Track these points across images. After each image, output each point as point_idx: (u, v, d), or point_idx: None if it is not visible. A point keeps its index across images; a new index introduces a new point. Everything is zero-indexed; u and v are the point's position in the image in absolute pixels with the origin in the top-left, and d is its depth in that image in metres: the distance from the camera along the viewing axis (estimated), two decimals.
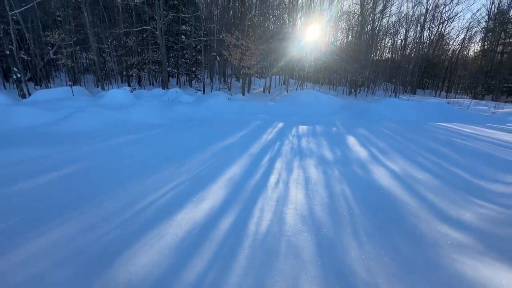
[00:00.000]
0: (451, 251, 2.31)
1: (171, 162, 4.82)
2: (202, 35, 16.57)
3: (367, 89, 23.04)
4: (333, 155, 5.66)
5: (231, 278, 2.01)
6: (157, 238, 2.52)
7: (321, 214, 3.05)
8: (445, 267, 2.10)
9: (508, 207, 3.18)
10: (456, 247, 2.38)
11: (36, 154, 4.93)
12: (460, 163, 5.09)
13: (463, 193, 3.69)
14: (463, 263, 2.14)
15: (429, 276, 2.01)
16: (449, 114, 12.35)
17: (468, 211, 3.11)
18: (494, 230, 2.66)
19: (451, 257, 2.24)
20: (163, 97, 13.56)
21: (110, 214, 2.95)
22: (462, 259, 2.19)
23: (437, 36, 32.58)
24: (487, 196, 3.52)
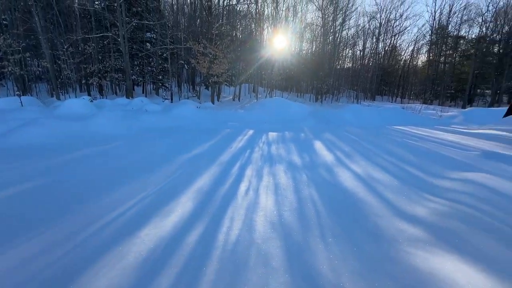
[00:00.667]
0: (407, 245, 2.50)
1: (136, 175, 4.57)
2: (168, 43, 16.23)
3: (332, 96, 24.36)
4: (301, 160, 5.83)
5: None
6: (118, 258, 2.35)
7: (290, 219, 3.11)
8: (401, 261, 2.26)
9: (453, 201, 3.54)
10: (411, 241, 2.58)
11: None
12: (414, 163, 5.58)
13: (417, 190, 4.04)
14: (417, 256, 2.32)
15: (388, 271, 2.15)
16: (403, 118, 13.53)
17: (422, 207, 3.41)
18: (442, 223, 2.93)
19: (406, 251, 2.41)
20: (127, 107, 12.91)
21: (69, 234, 2.69)
22: (416, 252, 2.38)
23: (390, 48, 35.87)
24: (436, 192, 3.89)
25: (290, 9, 26.26)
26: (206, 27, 17.44)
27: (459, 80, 33.69)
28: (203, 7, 17.92)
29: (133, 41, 17.77)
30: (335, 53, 25.43)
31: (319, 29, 26.37)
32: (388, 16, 33.10)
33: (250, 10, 23.83)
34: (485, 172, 4.65)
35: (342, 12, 25.84)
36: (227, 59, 15.51)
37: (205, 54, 15.08)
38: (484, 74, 32.48)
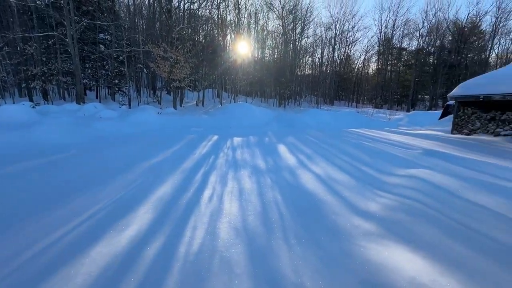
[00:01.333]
0: (361, 240, 2.69)
1: (90, 186, 4.18)
2: (125, 45, 15.32)
3: (294, 101, 25.36)
4: (265, 164, 5.92)
5: None
6: (64, 281, 2.10)
7: (254, 224, 3.11)
8: (357, 255, 2.41)
9: (400, 195, 3.92)
10: (365, 235, 2.78)
11: None
12: (368, 162, 6.05)
13: (370, 187, 4.37)
14: (370, 249, 2.50)
15: (345, 266, 2.28)
16: (358, 121, 14.64)
17: (374, 203, 3.70)
18: (391, 216, 3.22)
19: (361, 245, 2.59)
20: (78, 113, 11.80)
21: (7, 257, 2.33)
22: (369, 246, 2.57)
23: (345, 56, 38.80)
24: (386, 188, 4.27)
25: (252, 16, 26.85)
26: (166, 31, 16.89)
27: (403, 86, 37.81)
28: (162, 10, 17.33)
29: (84, 42, 16.39)
30: (296, 60, 26.62)
31: (280, 37, 27.40)
32: (342, 27, 35.85)
33: (212, 16, 23.78)
34: (426, 168, 5.24)
35: (301, 21, 27.25)
36: (189, 63, 15.18)
37: (166, 58, 14.56)
38: (423, 81, 37.00)
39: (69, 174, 4.85)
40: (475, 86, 10.18)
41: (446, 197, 3.78)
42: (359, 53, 63.65)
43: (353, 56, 43.91)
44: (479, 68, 33.34)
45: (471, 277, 2.09)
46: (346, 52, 39.21)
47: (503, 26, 34.04)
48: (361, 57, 59.11)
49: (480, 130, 10.28)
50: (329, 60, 34.03)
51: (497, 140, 9.16)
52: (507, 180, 4.57)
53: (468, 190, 3.89)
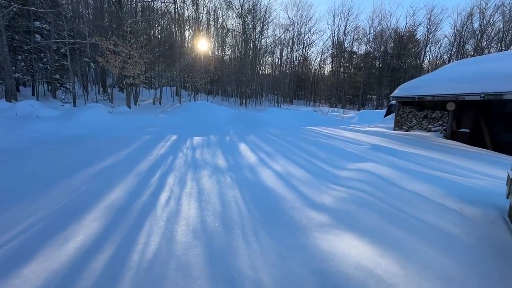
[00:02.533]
0: (315, 231, 2.86)
1: (24, 195, 3.67)
2: (67, 36, 13.72)
3: (255, 100, 25.68)
4: (226, 163, 5.89)
5: None
6: None
7: (213, 224, 3.08)
8: (311, 247, 2.56)
9: (350, 187, 4.26)
10: (318, 227, 2.96)
11: None
12: (323, 158, 6.44)
13: (325, 181, 4.66)
14: (321, 239, 2.67)
15: (300, 258, 2.40)
16: (315, 120, 15.47)
17: (327, 195, 3.95)
18: (341, 207, 3.48)
19: (315, 236, 2.75)
20: (7, 112, 10.22)
21: None
22: (321, 236, 2.74)
23: (303, 57, 40.59)
24: (338, 181, 4.59)
25: (211, 13, 26.35)
26: (117, 23, 15.60)
27: (354, 87, 41.11)
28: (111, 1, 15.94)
29: (15, 30, 14.23)
30: (256, 59, 26.96)
31: (240, 36, 27.43)
32: (299, 29, 37.41)
33: (169, 10, 22.68)
34: (372, 162, 5.78)
35: (260, 21, 27.66)
36: (144, 59, 14.27)
37: (117, 53, 13.45)
38: (371, 83, 40.70)
39: (1, 182, 4.18)
40: (412, 88, 11.57)
41: (387, 186, 4.22)
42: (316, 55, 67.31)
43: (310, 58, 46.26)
44: (415, 72, 37.99)
45: (406, 256, 2.38)
46: (303, 54, 41.09)
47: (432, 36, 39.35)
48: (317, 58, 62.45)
49: (416, 127, 11.72)
50: (288, 61, 35.26)
51: (429, 135, 10.56)
52: (434, 169, 5.31)
53: (405, 179, 4.40)
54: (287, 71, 33.42)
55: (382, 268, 2.18)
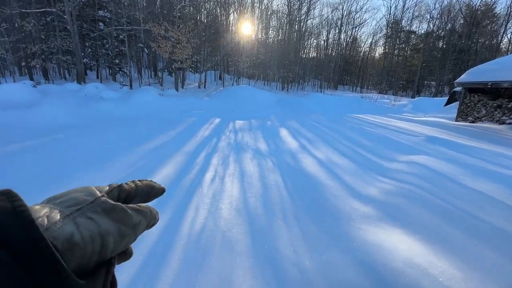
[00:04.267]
0: (360, 222, 2.75)
1: (92, 166, 4.24)
2: (125, 23, 14.89)
3: (297, 84, 24.95)
4: (267, 147, 5.94)
5: (162, 283, 1.91)
6: None
7: (255, 205, 3.18)
8: (355, 236, 2.48)
9: (399, 180, 3.95)
10: (363, 218, 2.84)
11: None
12: (369, 147, 6.05)
13: (370, 172, 4.41)
14: (367, 231, 2.57)
15: (343, 246, 2.35)
16: (362, 107, 14.48)
17: (373, 187, 3.74)
18: (389, 200, 3.27)
19: (359, 227, 2.65)
20: (79, 93, 11.71)
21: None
22: (367, 228, 2.63)
23: (351, 39, 37.60)
24: (386, 173, 4.30)
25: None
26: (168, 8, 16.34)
27: (410, 72, 36.91)
28: None
29: (83, 19, 15.93)
30: (301, 42, 25.86)
31: (285, 17, 26.44)
32: (349, 8, 34.48)
33: None
34: (427, 155, 5.24)
35: (307, 1, 26.16)
36: (191, 44, 14.80)
37: (167, 38, 14.19)
38: (430, 67, 36.03)
39: (70, 153, 4.90)
40: (484, 72, 9.92)
41: (444, 182, 3.80)
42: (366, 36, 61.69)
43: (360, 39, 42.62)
44: (489, 54, 32.30)
45: (467, 259, 2.16)
46: (352, 35, 37.96)
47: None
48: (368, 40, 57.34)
49: (485, 118, 10.15)
50: (334, 43, 33.04)
51: (502, 128, 9.07)
52: (505, 167, 4.58)
53: (467, 176, 3.91)
54: (333, 54, 31.41)
55: (437, 268, 2.02)
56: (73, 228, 0.21)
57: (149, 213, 0.29)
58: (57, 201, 0.24)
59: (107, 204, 0.25)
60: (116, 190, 0.29)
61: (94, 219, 0.23)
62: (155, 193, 0.34)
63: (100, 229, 0.22)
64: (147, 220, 0.28)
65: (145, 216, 0.28)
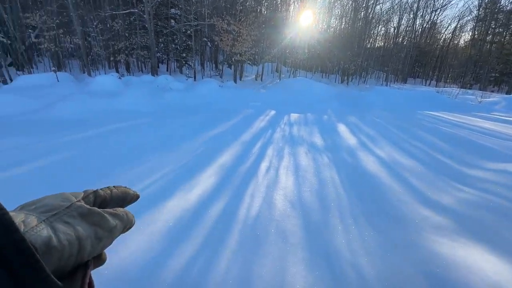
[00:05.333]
0: (430, 232, 2.44)
1: (161, 150, 4.79)
2: (193, 19, 16.05)
3: (359, 77, 23.11)
4: (323, 142, 5.73)
5: (220, 263, 2.07)
6: (147, 224, 2.55)
7: (310, 199, 3.13)
8: (424, 247, 2.22)
9: (485, 191, 3.34)
10: (435, 228, 2.51)
11: (20, 143, 4.80)
12: (445, 150, 5.26)
13: (445, 178, 3.84)
14: (441, 244, 2.26)
15: (409, 255, 2.13)
16: (437, 103, 12.59)
17: (449, 195, 3.26)
18: (471, 213, 2.80)
19: (430, 238, 2.36)
20: (152, 84, 13.25)
21: None
22: (440, 240, 2.32)
23: (429, 25, 32.63)
24: (467, 181, 3.68)
25: None
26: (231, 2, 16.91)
27: (507, 62, 30.16)
28: None
29: (158, 17, 17.80)
30: (366, 31, 23.70)
31: (349, 4, 24.51)
32: None
33: None
34: None
35: None
36: (251, 36, 15.09)
37: (229, 31, 14.77)
38: None
39: (147, 137, 5.63)
40: None
41: None
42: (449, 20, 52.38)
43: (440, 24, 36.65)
44: None
45: None
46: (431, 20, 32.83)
47: None
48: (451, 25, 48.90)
49: None
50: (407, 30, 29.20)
51: None
52: None
53: None
54: (405, 42, 27.86)
55: None
56: (50, 232, 0.22)
57: (125, 216, 0.30)
58: (31, 207, 0.25)
59: (83, 208, 0.26)
60: (92, 196, 0.29)
61: (70, 223, 0.23)
62: (130, 199, 0.34)
63: (78, 233, 0.23)
64: (123, 224, 0.29)
65: (121, 220, 0.29)
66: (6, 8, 13.59)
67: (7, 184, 3.28)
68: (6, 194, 3.03)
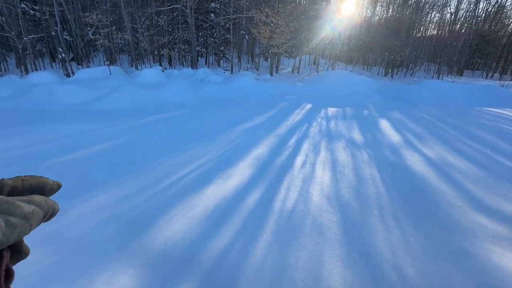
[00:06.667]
0: (487, 242, 2.20)
1: (200, 140, 5.02)
2: (231, 12, 16.24)
3: (406, 69, 21.23)
4: (363, 138, 5.45)
5: (256, 250, 2.13)
6: (188, 208, 2.72)
7: (347, 196, 3.03)
8: (479, 257, 2.01)
9: None
10: (493, 238, 2.25)
11: (83, 129, 5.44)
12: (507, 152, 4.63)
13: (507, 183, 3.39)
14: (498, 254, 2.03)
15: (460, 263, 1.95)
16: (501, 98, 11.04)
17: (511, 203, 2.88)
18: None
19: (487, 247, 2.13)
20: (192, 77, 13.84)
21: (146, 186, 3.22)
22: (500, 251, 2.08)
23: (495, 8, 28.32)
24: None
25: None
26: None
27: None
28: None
29: (199, 12, 18.37)
30: (417, 18, 21.54)
31: None
32: None
33: None
34: None
35: None
36: (289, 28, 14.77)
37: (267, 23, 14.65)
38: None
39: (188, 127, 5.94)
40: None
41: None
42: None
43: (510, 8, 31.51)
44: None
45: None
46: (498, 2, 28.48)
47: None
48: None
49: None
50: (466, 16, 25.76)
51: None
52: None
53: None
54: (463, 30, 24.67)
55: None
56: None
57: (43, 203, 0.28)
58: None
59: None
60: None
61: None
62: (49, 189, 0.31)
63: None
64: (43, 210, 0.27)
65: (39, 206, 0.27)
66: (70, 8, 15.23)
67: (78, 164, 3.76)
68: (77, 174, 3.48)
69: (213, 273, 1.91)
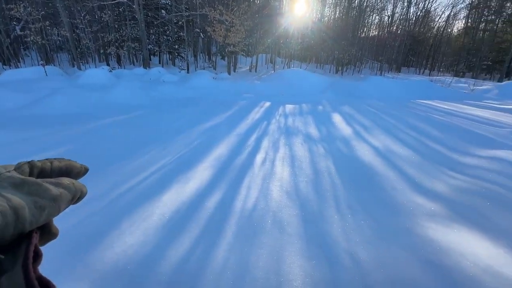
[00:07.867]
0: (424, 220, 2.49)
1: (155, 144, 4.73)
2: (184, 9, 15.64)
3: (353, 67, 23.04)
4: (318, 133, 5.74)
5: (217, 253, 2.07)
6: (143, 218, 2.53)
7: (306, 190, 3.15)
8: (418, 234, 2.26)
9: (477, 178, 3.40)
10: (429, 215, 2.56)
11: (12, 139, 4.68)
12: (438, 138, 5.32)
13: (439, 166, 3.90)
14: (435, 230, 2.31)
15: (403, 242, 2.17)
16: (430, 92, 12.68)
17: (442, 183, 3.31)
18: (463, 199, 2.85)
19: (424, 225, 2.40)
20: (144, 77, 12.99)
21: (95, 197, 2.90)
22: (434, 226, 2.37)
23: (423, 13, 32.49)
24: (459, 168, 3.74)
25: None
26: None
27: (499, 50, 30.38)
28: None
29: (148, 8, 17.28)
30: (361, 19, 23.49)
31: None
32: None
33: None
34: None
35: None
36: (244, 26, 14.81)
37: (221, 22, 14.46)
38: None
39: (138, 132, 5.54)
40: None
41: None
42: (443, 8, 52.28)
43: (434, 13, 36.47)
44: None
45: None
46: (425, 8, 32.67)
47: None
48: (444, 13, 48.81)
49: None
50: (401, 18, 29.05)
51: None
52: None
53: None
54: (399, 31, 27.74)
55: None
56: None
57: (71, 185, 0.28)
58: None
59: (15, 178, 0.24)
60: (26, 166, 0.28)
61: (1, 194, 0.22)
62: (77, 172, 0.32)
63: (11, 203, 0.22)
64: (71, 193, 0.28)
65: (67, 189, 0.27)
66: None
67: None
68: None
69: (172, 285, 1.80)
